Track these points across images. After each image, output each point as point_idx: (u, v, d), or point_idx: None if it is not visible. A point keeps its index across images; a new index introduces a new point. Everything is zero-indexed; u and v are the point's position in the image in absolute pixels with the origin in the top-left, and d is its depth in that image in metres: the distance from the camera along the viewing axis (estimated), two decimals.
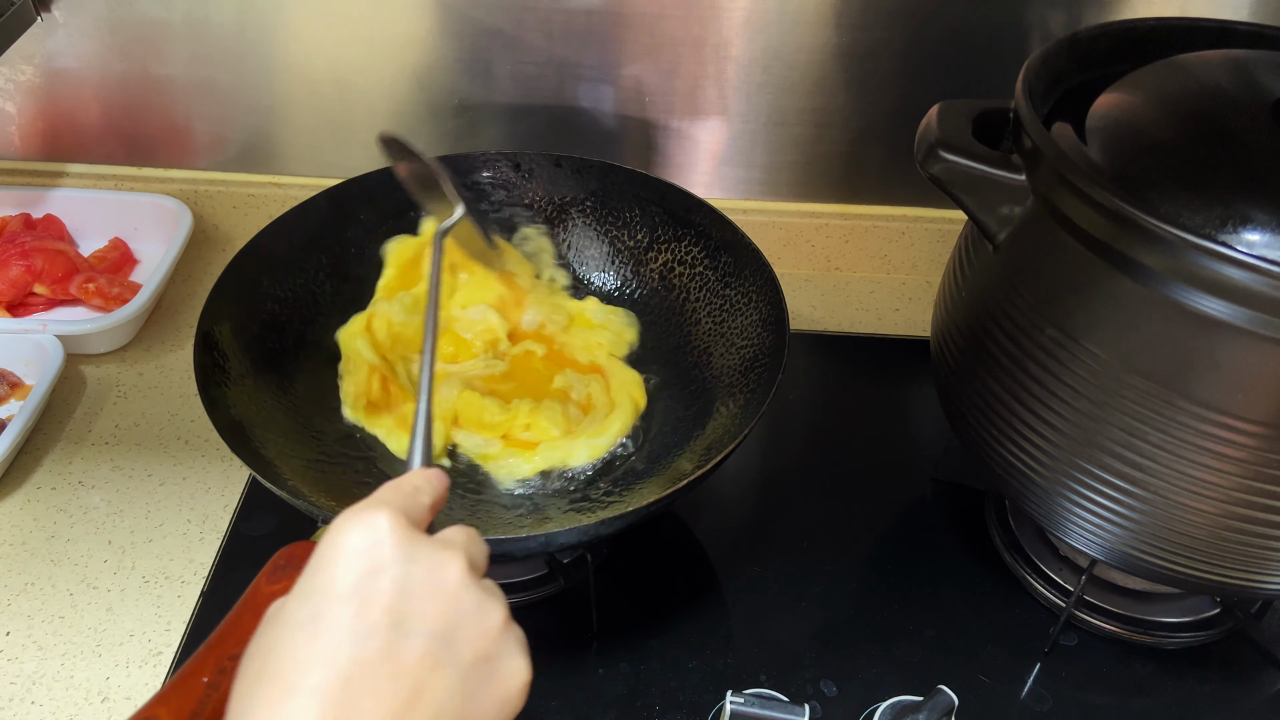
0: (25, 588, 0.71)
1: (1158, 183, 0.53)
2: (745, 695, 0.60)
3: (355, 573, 0.37)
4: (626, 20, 0.87)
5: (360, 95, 0.92)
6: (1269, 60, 0.59)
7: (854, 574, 0.74)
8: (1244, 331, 0.49)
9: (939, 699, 0.61)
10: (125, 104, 0.94)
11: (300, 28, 0.89)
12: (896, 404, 0.88)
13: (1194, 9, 0.84)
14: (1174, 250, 0.49)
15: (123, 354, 0.88)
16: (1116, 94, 0.59)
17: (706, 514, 0.77)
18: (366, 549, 0.37)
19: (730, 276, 0.79)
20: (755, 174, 0.96)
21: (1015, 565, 0.73)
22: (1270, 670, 0.69)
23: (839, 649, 0.68)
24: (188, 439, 0.81)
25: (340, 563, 0.37)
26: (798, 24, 0.86)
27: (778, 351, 0.70)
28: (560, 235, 0.86)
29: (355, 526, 0.38)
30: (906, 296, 0.99)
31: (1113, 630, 0.70)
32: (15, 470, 0.78)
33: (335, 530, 0.38)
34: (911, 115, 0.64)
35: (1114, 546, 0.60)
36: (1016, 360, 0.58)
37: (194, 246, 1.00)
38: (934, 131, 0.58)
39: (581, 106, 0.92)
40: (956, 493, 0.79)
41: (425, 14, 0.88)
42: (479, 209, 0.85)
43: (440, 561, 0.38)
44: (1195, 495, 0.54)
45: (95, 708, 0.64)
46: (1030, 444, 0.59)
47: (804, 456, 0.83)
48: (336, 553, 0.37)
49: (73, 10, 0.89)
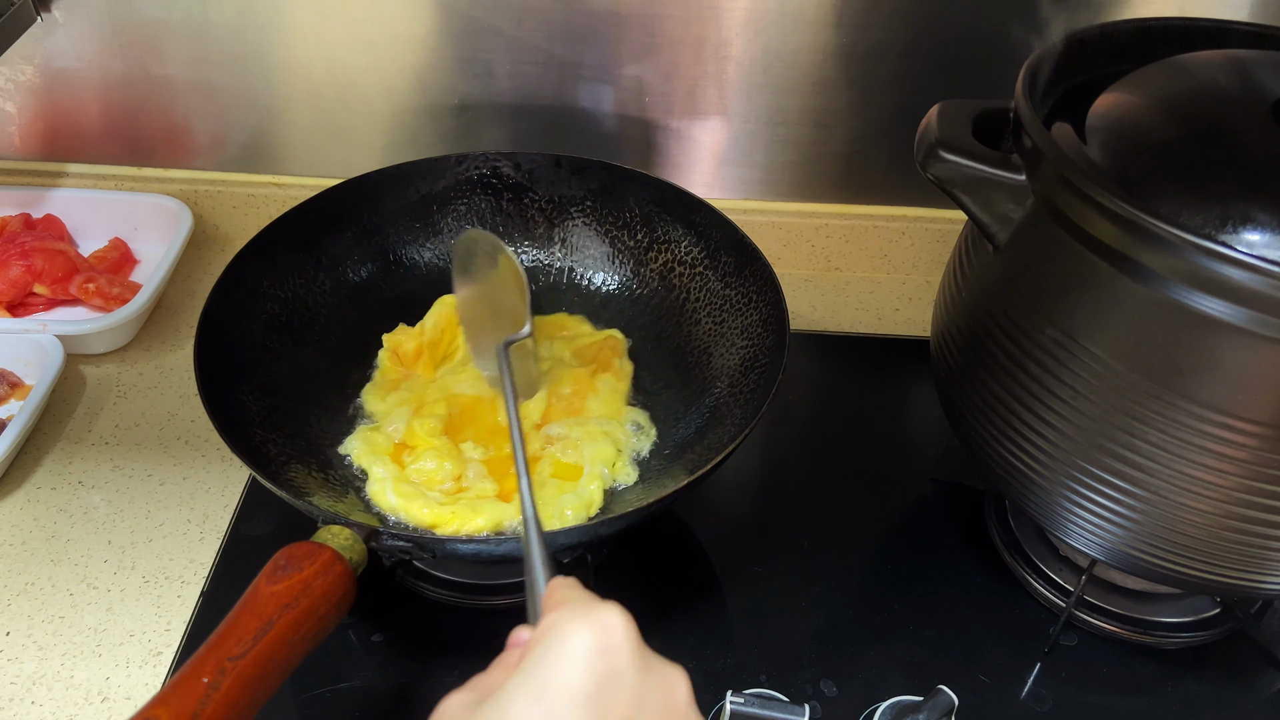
0: (25, 588, 0.71)
1: (1158, 183, 0.53)
2: (745, 695, 0.60)
3: (593, 677, 0.35)
4: (626, 20, 0.87)
5: (360, 95, 0.92)
6: (1269, 60, 0.59)
7: (854, 574, 0.74)
8: (1244, 331, 0.49)
9: (939, 699, 0.61)
10: (125, 104, 0.94)
11: (300, 28, 0.89)
12: (896, 404, 0.88)
13: (1194, 9, 0.83)
14: (1174, 250, 0.49)
15: (123, 354, 0.88)
16: (1116, 94, 0.59)
17: (706, 514, 0.77)
18: (603, 652, 0.36)
19: (730, 276, 0.79)
20: (755, 174, 0.96)
21: (1015, 565, 0.73)
22: (1270, 670, 0.69)
23: (839, 649, 0.68)
24: (188, 439, 0.81)
25: (577, 663, 0.35)
26: (798, 24, 0.86)
27: (778, 351, 0.70)
28: (560, 235, 0.86)
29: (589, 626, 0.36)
30: (906, 296, 0.99)
31: (1113, 630, 0.70)
32: (15, 470, 0.78)
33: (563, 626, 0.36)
34: (912, 115, 0.64)
35: (1114, 546, 0.60)
36: (1016, 360, 0.58)
37: (194, 246, 1.00)
38: (934, 131, 0.58)
39: (581, 106, 0.92)
40: (956, 493, 0.79)
41: (425, 14, 0.88)
42: (479, 210, 0.85)
43: (673, 678, 0.37)
44: (1195, 495, 0.54)
45: (95, 708, 0.64)
46: (1030, 444, 0.59)
47: (804, 456, 0.83)
48: (572, 651, 0.35)
49: (73, 10, 0.89)
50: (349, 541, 0.54)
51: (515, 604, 0.70)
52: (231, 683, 0.46)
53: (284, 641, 0.49)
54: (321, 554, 0.52)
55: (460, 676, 0.63)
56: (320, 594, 0.51)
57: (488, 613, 0.70)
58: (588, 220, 0.85)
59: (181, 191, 0.98)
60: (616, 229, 0.85)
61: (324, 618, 0.51)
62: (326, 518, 0.56)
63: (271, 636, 0.48)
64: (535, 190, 0.85)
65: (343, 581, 0.53)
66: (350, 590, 0.53)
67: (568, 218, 0.85)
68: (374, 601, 0.69)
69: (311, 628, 0.50)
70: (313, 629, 0.50)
